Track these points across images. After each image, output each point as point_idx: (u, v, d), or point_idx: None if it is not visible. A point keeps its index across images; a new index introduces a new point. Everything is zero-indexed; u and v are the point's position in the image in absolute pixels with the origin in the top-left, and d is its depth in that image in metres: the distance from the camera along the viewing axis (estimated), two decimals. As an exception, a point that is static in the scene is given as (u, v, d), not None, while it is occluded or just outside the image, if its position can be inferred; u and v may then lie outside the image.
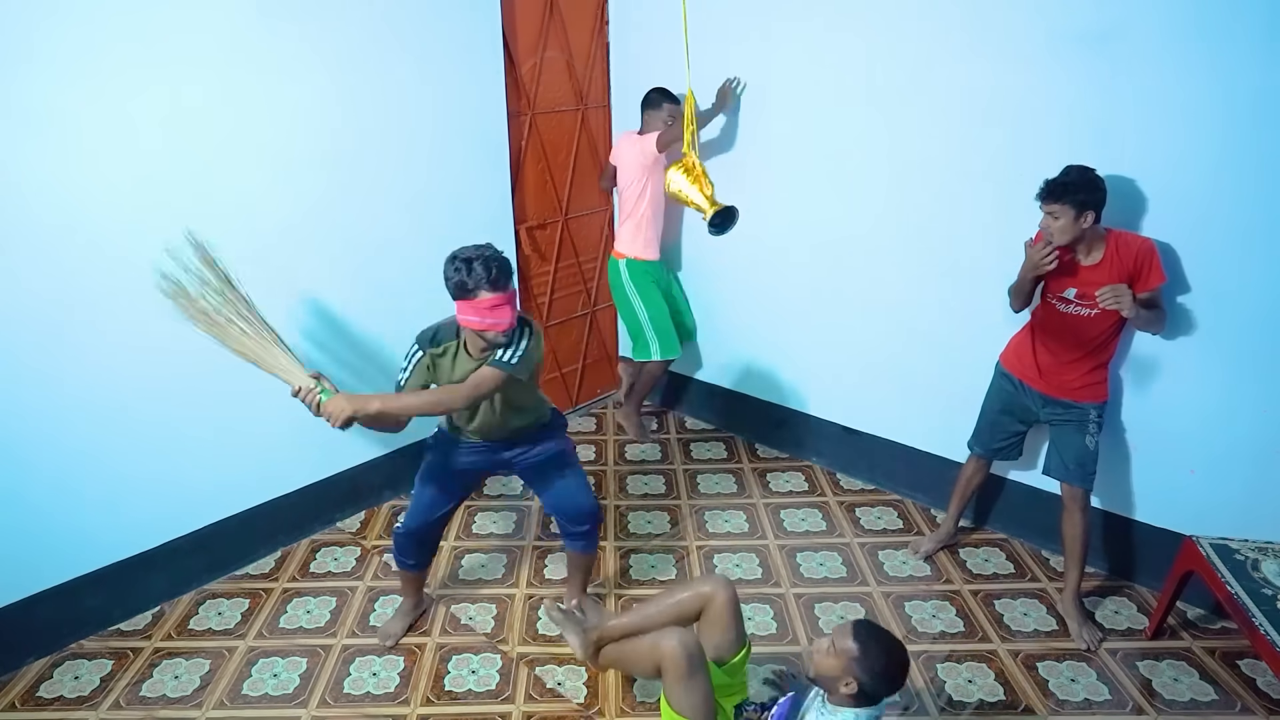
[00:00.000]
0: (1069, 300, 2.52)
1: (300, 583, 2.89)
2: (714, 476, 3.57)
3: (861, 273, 3.27)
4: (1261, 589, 2.20)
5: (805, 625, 2.67)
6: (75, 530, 2.53)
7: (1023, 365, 2.70)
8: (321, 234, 2.94)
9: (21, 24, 2.19)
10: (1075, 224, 2.37)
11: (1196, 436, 2.62)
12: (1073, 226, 2.38)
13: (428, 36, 3.09)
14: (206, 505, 2.84)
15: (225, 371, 2.76)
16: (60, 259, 2.37)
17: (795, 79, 3.24)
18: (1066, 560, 2.66)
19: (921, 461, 3.30)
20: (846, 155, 3.19)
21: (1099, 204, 2.38)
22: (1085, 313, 2.50)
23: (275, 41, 2.68)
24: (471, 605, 2.78)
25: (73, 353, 2.44)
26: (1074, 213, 2.36)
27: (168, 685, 2.43)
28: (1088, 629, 2.60)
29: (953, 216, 2.98)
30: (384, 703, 2.37)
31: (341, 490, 3.22)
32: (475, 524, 3.24)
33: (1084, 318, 2.51)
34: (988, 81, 2.78)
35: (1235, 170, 2.38)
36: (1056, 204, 2.38)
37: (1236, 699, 2.36)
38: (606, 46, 3.87)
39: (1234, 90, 2.34)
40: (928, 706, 2.34)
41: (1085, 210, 2.36)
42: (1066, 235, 2.39)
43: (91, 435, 2.52)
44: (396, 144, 3.09)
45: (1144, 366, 2.66)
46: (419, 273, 3.26)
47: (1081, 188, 2.35)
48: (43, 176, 2.30)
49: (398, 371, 2.34)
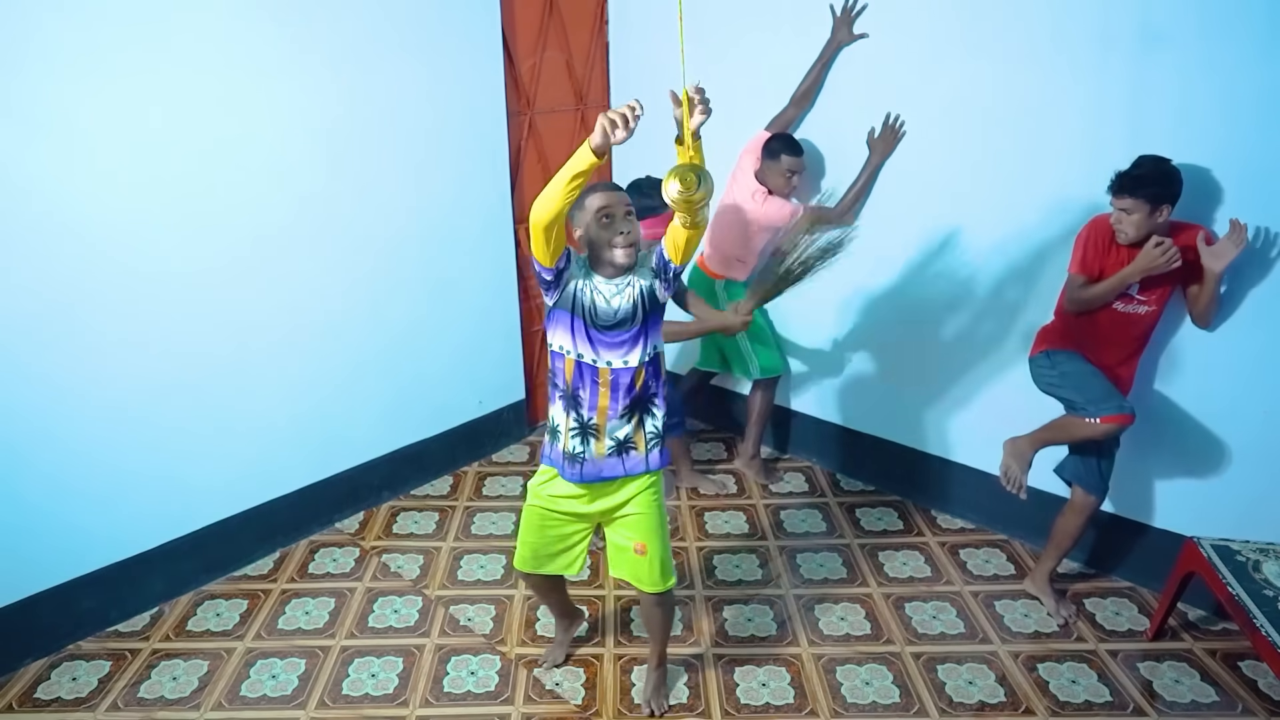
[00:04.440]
0: (1131, 298, 2.40)
1: (299, 584, 2.89)
2: (714, 477, 3.56)
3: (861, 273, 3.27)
4: (1263, 590, 2.20)
5: (805, 627, 2.66)
6: (73, 531, 2.52)
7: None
8: (321, 233, 2.93)
9: (22, 24, 2.19)
10: (1150, 219, 2.23)
11: (1198, 437, 2.62)
12: (1147, 222, 2.23)
13: (427, 36, 3.08)
14: (205, 506, 2.83)
15: (224, 371, 2.77)
16: (59, 258, 2.36)
17: (795, 77, 3.23)
18: (1049, 548, 2.68)
19: (922, 462, 3.29)
20: (846, 155, 3.18)
21: (1175, 197, 2.24)
22: (1141, 310, 2.41)
23: (275, 41, 2.68)
24: (470, 606, 2.77)
25: (72, 352, 2.43)
26: (1148, 207, 2.22)
27: (166, 686, 2.43)
28: (1064, 604, 2.65)
29: (953, 217, 2.97)
30: (383, 704, 2.36)
31: (340, 491, 3.21)
32: (474, 525, 3.24)
33: (1136, 316, 2.42)
34: (995, 83, 2.77)
35: (1236, 170, 2.38)
36: (1129, 198, 2.23)
37: (1238, 700, 2.36)
38: (606, 46, 3.86)
39: (1235, 90, 2.33)
40: (928, 707, 2.34)
41: (1160, 204, 2.21)
42: (1140, 231, 2.25)
43: (90, 435, 2.51)
44: (396, 143, 3.08)
45: (1145, 367, 2.64)
46: (418, 272, 3.27)
47: (1156, 180, 2.21)
48: (42, 176, 2.30)
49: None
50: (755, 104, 3.33)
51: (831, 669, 2.48)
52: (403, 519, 3.27)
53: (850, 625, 2.67)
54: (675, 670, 2.47)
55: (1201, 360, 2.56)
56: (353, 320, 3.09)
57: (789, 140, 3.08)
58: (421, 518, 3.28)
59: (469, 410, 3.60)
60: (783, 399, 3.67)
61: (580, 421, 1.98)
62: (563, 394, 1.99)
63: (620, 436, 1.99)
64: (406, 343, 3.30)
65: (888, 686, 2.42)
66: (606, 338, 1.92)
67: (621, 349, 1.92)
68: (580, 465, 2.00)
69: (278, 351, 2.90)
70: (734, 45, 3.38)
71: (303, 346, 2.97)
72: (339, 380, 3.11)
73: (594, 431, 1.98)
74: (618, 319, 1.91)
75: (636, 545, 2.12)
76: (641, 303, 1.92)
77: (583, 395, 1.96)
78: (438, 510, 3.33)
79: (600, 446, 1.99)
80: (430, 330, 3.36)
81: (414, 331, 3.31)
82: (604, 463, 2.01)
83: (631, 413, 1.98)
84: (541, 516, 2.15)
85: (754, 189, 3.10)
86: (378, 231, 3.10)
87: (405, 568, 2.97)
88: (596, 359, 1.92)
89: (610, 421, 1.97)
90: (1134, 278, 2.31)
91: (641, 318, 1.92)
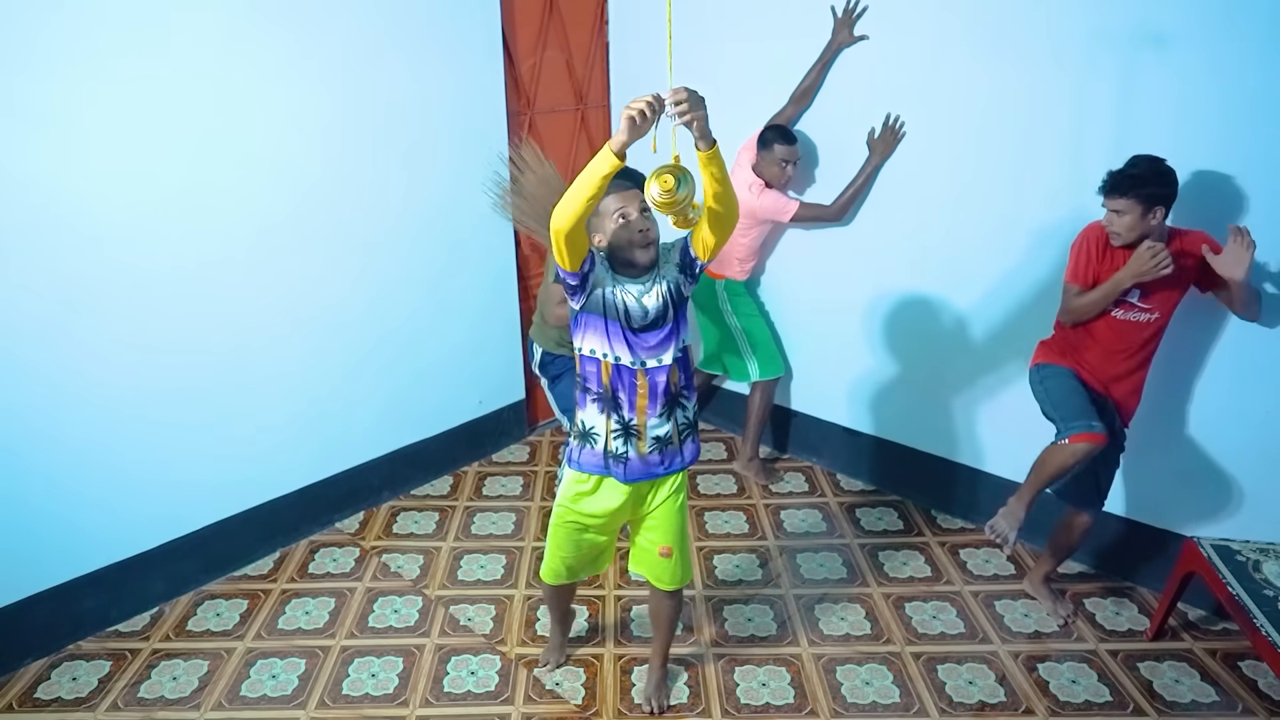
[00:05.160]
0: (1131, 305, 2.32)
1: (299, 584, 2.89)
2: (714, 477, 3.56)
3: (861, 273, 3.27)
4: (1263, 590, 2.20)
5: (805, 627, 2.66)
6: (73, 530, 2.52)
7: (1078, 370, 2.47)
8: (320, 232, 2.93)
9: (22, 25, 2.19)
10: (1142, 221, 2.17)
11: (1199, 437, 2.62)
12: (1139, 224, 2.17)
13: (427, 35, 3.08)
14: (205, 506, 2.83)
15: (224, 371, 2.77)
16: (59, 258, 2.36)
17: (794, 79, 3.23)
18: (1047, 553, 2.70)
19: (922, 462, 3.29)
20: (846, 155, 3.18)
21: (1169, 199, 2.18)
22: (1144, 318, 2.33)
23: (274, 41, 2.68)
24: (470, 606, 2.77)
25: (71, 352, 2.43)
26: (1141, 208, 2.16)
27: (166, 686, 2.43)
28: (1062, 604, 2.67)
29: (954, 220, 2.97)
30: (383, 704, 2.36)
31: (340, 491, 3.21)
32: (475, 524, 3.24)
33: (1139, 324, 2.34)
34: (994, 83, 2.77)
35: (1237, 170, 2.37)
36: (1122, 199, 2.18)
37: (1238, 700, 2.36)
38: (606, 46, 3.86)
39: (1234, 90, 2.33)
40: (928, 707, 2.34)
41: (1154, 206, 2.16)
42: (1133, 233, 2.19)
43: (90, 435, 2.51)
44: (396, 143, 3.08)
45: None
46: (418, 271, 3.27)
47: (1150, 180, 2.15)
48: (42, 175, 2.30)
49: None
50: (757, 103, 3.33)
51: (831, 669, 2.48)
52: (403, 519, 3.27)
53: (850, 625, 2.67)
54: (675, 670, 2.47)
55: (1202, 360, 2.55)
56: (352, 319, 3.09)
57: (782, 130, 3.09)
58: (421, 518, 3.28)
59: (469, 410, 3.60)
60: (783, 399, 3.67)
61: (622, 423, 1.97)
62: (597, 397, 1.97)
63: (661, 434, 2.00)
64: (406, 342, 3.30)
65: (888, 686, 2.42)
66: (644, 339, 1.92)
67: (657, 349, 1.93)
68: (624, 465, 2.00)
69: (278, 351, 2.90)
70: (734, 45, 3.38)
71: (302, 346, 2.97)
72: (339, 380, 3.11)
73: (636, 432, 1.98)
74: (650, 319, 1.91)
75: (662, 549, 2.14)
76: (670, 300, 1.92)
77: (622, 397, 1.95)
78: (438, 510, 3.33)
79: (643, 445, 1.99)
80: (430, 329, 3.36)
81: (414, 331, 3.31)
82: (648, 460, 2.01)
83: (669, 409, 1.98)
84: (577, 530, 2.14)
85: (750, 181, 3.11)
86: (377, 230, 3.10)
87: (405, 568, 2.97)
88: (634, 361, 1.92)
89: (650, 419, 1.97)
90: (1126, 283, 2.25)
91: (672, 315, 1.93)
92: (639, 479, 2.04)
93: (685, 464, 2.08)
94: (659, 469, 2.04)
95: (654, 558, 2.16)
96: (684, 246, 1.90)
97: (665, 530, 2.13)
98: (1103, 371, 2.44)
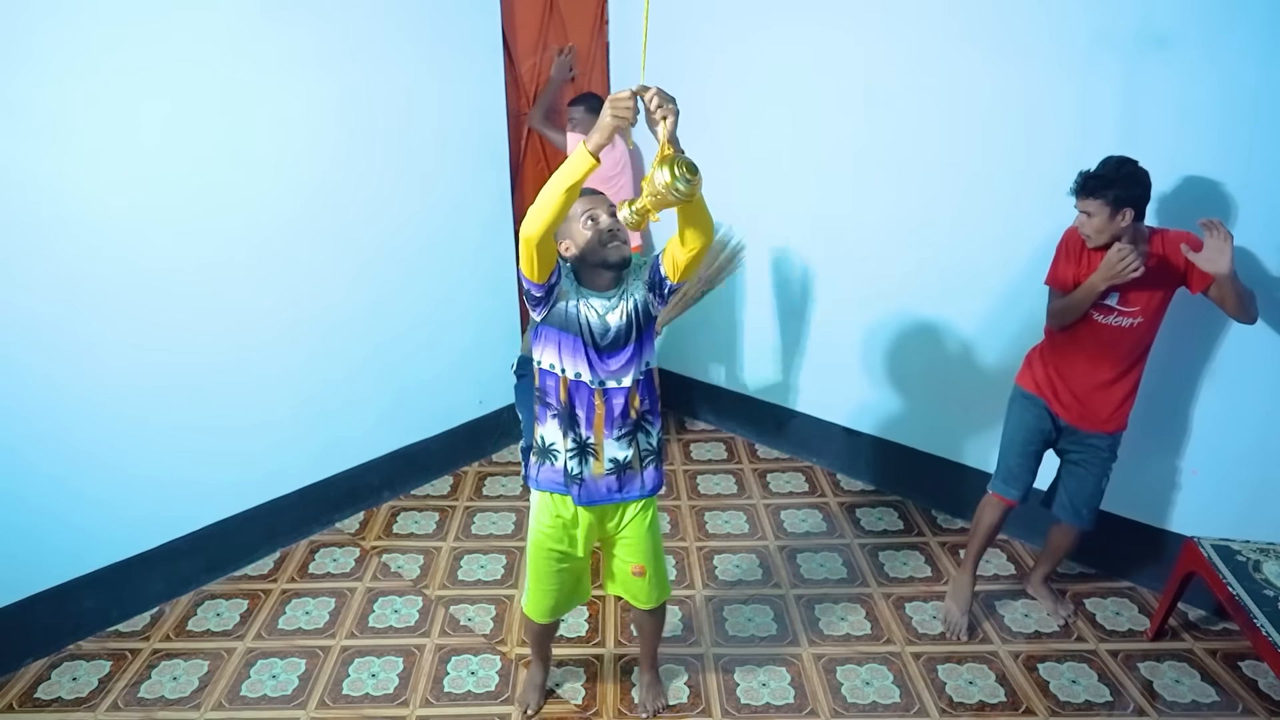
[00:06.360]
0: (1110, 309, 2.28)
1: (299, 584, 2.89)
2: (714, 477, 3.57)
3: (861, 273, 3.27)
4: (1263, 590, 2.20)
5: (805, 627, 2.66)
6: (73, 530, 2.53)
7: (1051, 389, 2.44)
8: (321, 232, 2.93)
9: (23, 25, 2.19)
10: (1111, 223, 2.15)
11: (1198, 437, 2.62)
12: (1108, 226, 2.16)
13: (427, 35, 3.08)
14: (205, 505, 2.83)
15: (225, 371, 2.77)
16: (60, 257, 2.36)
17: (793, 78, 3.23)
18: (1044, 556, 2.73)
19: (922, 462, 3.29)
20: (845, 154, 3.18)
21: (1138, 200, 2.15)
22: (1127, 323, 2.28)
23: (274, 40, 2.68)
24: (470, 606, 2.77)
25: (71, 352, 2.43)
26: (1109, 210, 2.14)
27: (166, 686, 2.43)
28: (1062, 604, 2.70)
29: (956, 220, 2.97)
30: (383, 704, 2.36)
31: (340, 491, 3.21)
32: (475, 524, 3.24)
33: (1123, 329, 2.28)
34: (987, 81, 2.77)
35: (1238, 170, 2.38)
36: (1090, 200, 2.16)
37: (1238, 700, 2.36)
38: (606, 46, 3.86)
39: (1235, 91, 2.33)
40: (928, 707, 2.34)
41: (1121, 207, 2.14)
42: (1102, 235, 2.18)
43: (90, 435, 2.51)
44: (396, 143, 3.08)
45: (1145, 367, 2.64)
46: (419, 271, 3.27)
47: (1117, 182, 2.13)
48: (43, 176, 2.30)
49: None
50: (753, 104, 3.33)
51: (831, 669, 2.48)
52: (403, 519, 3.27)
53: (850, 625, 2.67)
54: (675, 670, 2.47)
55: (1201, 360, 2.56)
56: (353, 319, 3.09)
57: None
58: (422, 518, 3.28)
59: (469, 410, 3.61)
60: (783, 399, 3.68)
61: (578, 441, 1.92)
62: (556, 413, 1.91)
63: (619, 458, 1.94)
64: (407, 342, 3.30)
65: (888, 686, 2.42)
66: (606, 360, 1.87)
67: (619, 372, 1.88)
68: (580, 486, 1.95)
69: (278, 351, 2.90)
70: (729, 44, 3.38)
71: (303, 346, 2.97)
72: (339, 380, 3.11)
73: (592, 451, 1.93)
74: (613, 337, 1.86)
75: (635, 568, 2.10)
76: (636, 319, 1.87)
77: (580, 414, 1.90)
78: (438, 510, 3.33)
79: (599, 466, 1.94)
80: (430, 329, 3.36)
81: (414, 331, 3.31)
82: (602, 483, 1.95)
83: (627, 431, 1.93)
84: (555, 559, 2.06)
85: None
86: (378, 230, 3.10)
87: (405, 568, 2.97)
88: (594, 380, 1.87)
89: (607, 440, 1.92)
90: (1099, 286, 2.20)
91: (637, 335, 1.88)
92: (595, 503, 1.98)
93: (645, 493, 2.01)
94: (616, 495, 1.97)
95: (627, 577, 2.12)
96: (654, 265, 1.84)
97: (636, 549, 2.08)
98: (1090, 378, 2.38)
